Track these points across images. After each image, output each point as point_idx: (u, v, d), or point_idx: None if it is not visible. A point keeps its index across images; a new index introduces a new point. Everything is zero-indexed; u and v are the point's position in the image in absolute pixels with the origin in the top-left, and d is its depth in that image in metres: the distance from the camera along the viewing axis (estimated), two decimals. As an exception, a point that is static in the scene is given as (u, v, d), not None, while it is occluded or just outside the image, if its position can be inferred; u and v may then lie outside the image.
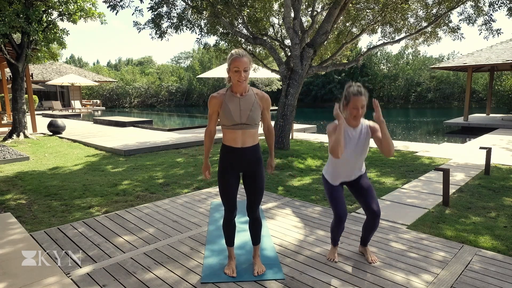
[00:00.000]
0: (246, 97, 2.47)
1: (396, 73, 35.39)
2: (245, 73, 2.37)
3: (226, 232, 2.70)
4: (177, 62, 58.50)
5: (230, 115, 2.43)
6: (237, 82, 2.39)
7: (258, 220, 2.69)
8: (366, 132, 2.66)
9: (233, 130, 2.46)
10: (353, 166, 2.73)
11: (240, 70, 2.34)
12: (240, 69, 2.34)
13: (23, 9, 9.02)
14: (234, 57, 2.36)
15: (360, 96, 2.51)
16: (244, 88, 2.46)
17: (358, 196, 2.82)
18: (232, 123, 2.44)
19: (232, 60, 2.36)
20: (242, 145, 2.49)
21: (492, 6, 8.15)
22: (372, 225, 2.78)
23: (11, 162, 7.24)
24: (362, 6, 8.81)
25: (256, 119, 2.48)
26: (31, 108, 12.05)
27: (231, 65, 2.37)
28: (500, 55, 13.61)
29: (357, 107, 2.52)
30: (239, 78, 2.36)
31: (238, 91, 2.46)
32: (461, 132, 13.88)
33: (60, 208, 4.39)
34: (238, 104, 2.44)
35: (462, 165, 6.52)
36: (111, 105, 36.27)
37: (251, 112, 2.45)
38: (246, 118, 2.44)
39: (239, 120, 2.43)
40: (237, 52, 2.38)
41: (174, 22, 8.16)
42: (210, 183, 5.50)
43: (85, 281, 2.62)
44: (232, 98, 2.46)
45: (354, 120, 2.60)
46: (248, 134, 2.48)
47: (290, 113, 7.46)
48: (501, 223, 3.75)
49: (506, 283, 2.52)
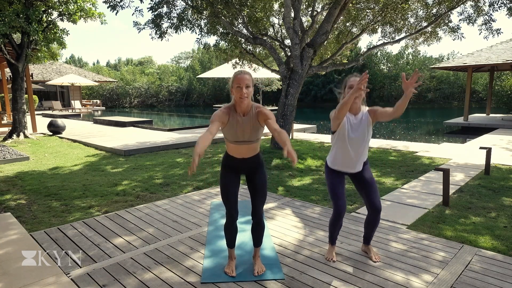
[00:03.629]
0: (248, 117, 2.53)
1: (396, 73, 35.37)
2: (247, 90, 2.42)
3: (227, 235, 2.71)
4: (177, 62, 58.49)
5: (233, 134, 2.52)
6: (239, 98, 2.43)
7: (262, 223, 2.69)
8: (366, 119, 2.68)
9: (236, 145, 2.56)
10: (356, 156, 2.72)
11: (242, 86, 2.39)
12: (242, 85, 2.40)
13: (23, 9, 9.02)
14: (236, 74, 2.45)
15: (356, 77, 2.59)
16: (247, 107, 2.50)
17: (360, 188, 2.83)
18: (234, 139, 2.54)
19: (234, 78, 2.44)
20: (243, 156, 2.61)
21: (492, 6, 8.15)
22: (373, 220, 2.80)
23: (11, 162, 7.24)
24: (362, 6, 8.81)
25: (258, 136, 2.58)
26: (31, 108, 12.05)
27: (234, 83, 2.43)
28: (500, 55, 13.60)
29: (352, 87, 2.57)
30: (241, 94, 2.41)
31: (241, 110, 2.50)
32: (461, 132, 13.87)
33: (60, 208, 4.39)
34: (241, 125, 2.52)
35: (462, 165, 6.52)
36: (111, 105, 36.27)
37: (252, 131, 2.53)
38: (249, 136, 2.53)
39: (242, 138, 2.53)
40: (239, 70, 2.47)
41: (174, 22, 8.17)
42: (210, 183, 5.50)
43: (85, 281, 2.62)
44: (236, 117, 2.52)
45: (354, 103, 2.62)
46: (250, 148, 2.58)
47: (290, 113, 7.46)
48: (501, 223, 3.75)
49: (506, 283, 2.52)
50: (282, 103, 7.45)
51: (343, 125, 2.66)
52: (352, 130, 2.68)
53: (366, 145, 2.74)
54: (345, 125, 2.66)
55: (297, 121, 14.90)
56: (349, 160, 2.74)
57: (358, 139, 2.68)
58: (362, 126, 2.68)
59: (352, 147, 2.69)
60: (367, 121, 2.69)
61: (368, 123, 2.69)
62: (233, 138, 2.53)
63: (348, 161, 2.75)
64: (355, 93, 2.39)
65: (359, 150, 2.71)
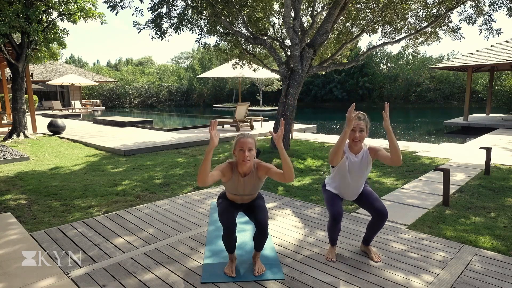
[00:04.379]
0: (248, 177, 2.61)
1: (396, 73, 35.39)
2: (250, 152, 2.49)
3: (226, 244, 2.65)
4: (177, 62, 58.52)
5: (234, 189, 2.64)
6: (241, 161, 2.50)
7: (265, 233, 2.60)
8: (367, 157, 2.75)
9: (236, 196, 2.69)
10: (355, 189, 2.83)
11: (245, 149, 2.47)
12: (245, 148, 2.47)
13: (23, 9, 9.02)
14: (239, 138, 2.52)
15: (359, 121, 2.63)
16: (249, 169, 2.58)
17: (362, 204, 2.90)
18: (235, 193, 2.66)
19: (238, 141, 2.52)
20: (243, 202, 2.76)
21: (492, 6, 8.15)
22: (378, 226, 2.82)
23: (11, 162, 7.24)
24: (362, 6, 8.81)
25: (258, 189, 2.71)
26: (31, 108, 12.05)
27: (237, 145, 2.51)
28: (500, 55, 13.61)
29: (355, 130, 2.63)
30: (243, 157, 2.48)
31: (243, 171, 2.58)
32: (461, 132, 13.87)
33: (60, 208, 4.39)
34: (242, 183, 2.62)
35: (462, 165, 6.52)
36: (111, 105, 36.28)
37: (253, 187, 2.64)
38: (249, 191, 2.65)
39: (242, 192, 2.65)
40: (243, 133, 2.55)
41: (174, 22, 8.16)
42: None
43: (85, 281, 2.62)
44: (237, 177, 2.60)
45: (354, 145, 2.70)
46: (249, 198, 2.73)
47: (290, 113, 7.46)
48: (501, 223, 3.75)
49: (506, 283, 2.52)
50: (282, 103, 7.45)
51: (343, 163, 2.73)
52: (353, 168, 2.75)
53: (365, 177, 2.84)
54: (344, 163, 2.73)
55: (297, 121, 14.91)
56: (348, 191, 2.84)
57: (358, 176, 2.77)
58: (362, 164, 2.75)
59: (352, 180, 2.78)
60: (367, 160, 2.75)
61: (368, 162, 2.76)
62: (233, 192, 2.65)
63: (347, 191, 2.85)
64: (349, 127, 2.48)
65: (358, 183, 2.81)
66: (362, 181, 2.82)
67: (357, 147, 2.71)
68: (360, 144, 2.71)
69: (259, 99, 34.74)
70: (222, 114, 24.12)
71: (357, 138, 2.65)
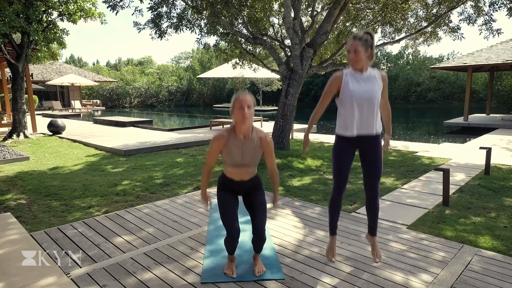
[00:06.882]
0: (248, 140, 2.49)
1: (396, 73, 35.40)
2: (249, 110, 2.40)
3: (228, 246, 2.64)
4: (177, 62, 58.52)
5: (232, 157, 2.50)
6: (241, 119, 2.39)
7: (263, 237, 2.58)
8: (376, 76, 2.60)
9: (233, 168, 2.55)
10: (365, 115, 2.58)
11: (244, 107, 2.38)
12: (244, 105, 2.38)
13: (23, 9, 9.01)
14: (237, 96, 2.43)
15: (355, 40, 2.50)
16: (248, 128, 2.46)
17: (363, 161, 2.75)
18: (233, 163, 2.52)
19: (236, 99, 2.42)
20: (241, 179, 2.59)
21: (492, 6, 8.15)
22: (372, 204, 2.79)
23: (11, 162, 7.24)
24: (362, 6, 8.81)
25: (257, 160, 2.58)
26: (31, 108, 12.05)
27: (235, 104, 2.41)
28: (500, 55, 13.61)
29: (349, 51, 2.53)
30: (243, 115, 2.38)
31: (242, 132, 2.46)
32: (461, 132, 13.87)
33: (60, 208, 4.39)
34: (241, 148, 2.48)
35: (462, 165, 6.52)
36: (111, 105, 36.28)
37: (253, 155, 2.52)
38: (248, 160, 2.52)
39: (240, 161, 2.51)
40: (239, 92, 2.47)
41: (174, 22, 8.16)
42: (210, 183, 5.49)
43: (85, 281, 2.62)
44: (235, 141, 2.48)
45: (352, 65, 2.56)
46: (247, 172, 2.58)
47: (290, 113, 7.46)
48: (501, 223, 3.75)
49: (506, 283, 2.52)
50: (282, 103, 7.45)
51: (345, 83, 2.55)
52: (359, 86, 2.55)
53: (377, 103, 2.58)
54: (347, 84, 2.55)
55: (297, 121, 14.90)
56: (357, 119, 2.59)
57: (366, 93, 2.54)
58: (371, 81, 2.57)
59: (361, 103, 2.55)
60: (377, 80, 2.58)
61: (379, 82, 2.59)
62: (232, 162, 2.51)
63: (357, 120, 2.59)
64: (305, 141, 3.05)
65: (369, 109, 2.56)
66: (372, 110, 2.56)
67: (359, 65, 2.53)
68: (360, 63, 2.52)
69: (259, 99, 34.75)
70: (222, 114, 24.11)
71: (351, 59, 2.52)
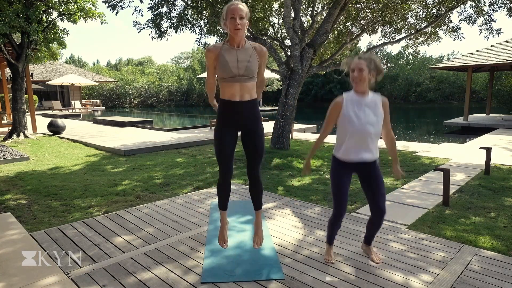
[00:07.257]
0: (243, 49, 2.40)
1: (396, 73, 35.41)
2: (241, 21, 2.29)
3: (219, 194, 2.63)
4: (177, 62, 58.48)
5: (227, 67, 2.38)
6: (233, 30, 2.29)
7: (259, 184, 2.58)
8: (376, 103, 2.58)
9: (231, 83, 2.41)
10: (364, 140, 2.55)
11: (236, 17, 2.27)
12: (236, 16, 2.27)
13: (23, 9, 9.01)
14: (229, 5, 2.31)
15: (359, 60, 2.50)
16: (241, 38, 2.37)
17: (367, 188, 2.68)
18: (229, 75, 2.39)
19: (228, 9, 2.30)
20: (240, 98, 2.46)
21: (492, 6, 8.15)
22: (377, 224, 2.76)
23: (11, 162, 7.24)
24: (362, 6, 8.81)
25: (254, 71, 2.45)
26: (31, 108, 12.05)
27: (227, 14, 2.29)
28: (500, 55, 13.61)
29: (353, 69, 2.51)
30: (235, 25, 2.27)
31: (235, 42, 2.37)
32: (461, 132, 13.87)
33: (60, 208, 4.39)
34: (235, 56, 2.38)
35: (462, 165, 6.52)
36: (111, 105, 36.26)
37: (248, 63, 2.39)
38: (244, 69, 2.39)
39: (236, 72, 2.38)
40: (232, 1, 2.34)
41: (174, 22, 8.17)
42: (210, 183, 5.50)
43: (85, 281, 2.62)
44: (229, 50, 2.38)
45: (356, 86, 2.52)
46: (246, 88, 2.44)
47: (290, 113, 7.46)
48: (501, 223, 3.75)
49: (506, 283, 2.52)
50: (282, 103, 7.45)
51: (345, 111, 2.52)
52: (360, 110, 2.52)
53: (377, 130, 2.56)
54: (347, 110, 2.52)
55: (297, 121, 14.90)
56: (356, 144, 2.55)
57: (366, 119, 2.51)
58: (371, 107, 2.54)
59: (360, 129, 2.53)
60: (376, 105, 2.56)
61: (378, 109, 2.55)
62: (227, 74, 2.38)
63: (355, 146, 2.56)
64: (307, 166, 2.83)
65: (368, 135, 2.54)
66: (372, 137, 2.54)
67: (362, 87, 2.52)
68: (363, 84, 2.51)
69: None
70: (222, 114, 24.05)
71: (354, 78, 2.49)
